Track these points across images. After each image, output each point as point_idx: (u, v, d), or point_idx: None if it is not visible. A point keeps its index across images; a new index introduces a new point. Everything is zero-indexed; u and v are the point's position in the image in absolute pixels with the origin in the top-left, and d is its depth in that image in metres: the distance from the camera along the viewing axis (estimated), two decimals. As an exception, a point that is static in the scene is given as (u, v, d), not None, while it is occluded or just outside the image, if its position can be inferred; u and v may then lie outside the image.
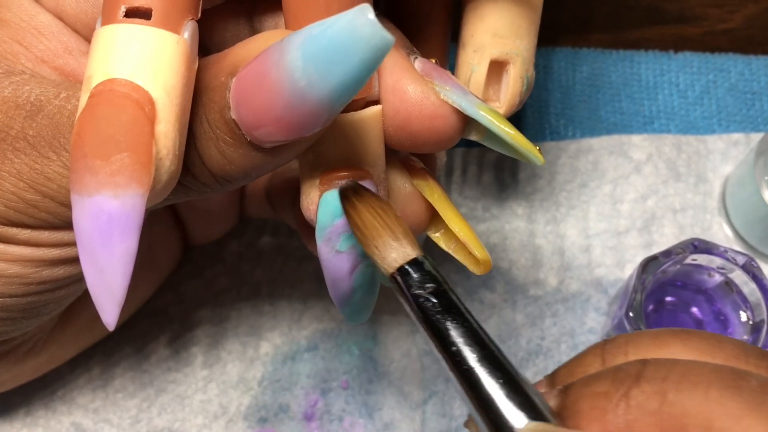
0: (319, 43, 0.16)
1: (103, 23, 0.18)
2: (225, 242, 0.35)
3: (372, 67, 0.16)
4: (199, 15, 0.19)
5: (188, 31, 0.18)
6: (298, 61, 0.17)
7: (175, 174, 0.18)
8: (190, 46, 0.18)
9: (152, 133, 0.17)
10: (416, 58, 0.21)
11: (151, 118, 0.17)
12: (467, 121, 0.21)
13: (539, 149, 0.22)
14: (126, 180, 0.17)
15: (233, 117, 0.18)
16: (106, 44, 0.18)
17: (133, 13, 0.18)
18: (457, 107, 0.21)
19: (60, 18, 0.22)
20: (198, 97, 0.19)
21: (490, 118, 0.21)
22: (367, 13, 0.16)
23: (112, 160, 0.17)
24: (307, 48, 0.17)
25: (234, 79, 0.18)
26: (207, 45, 0.23)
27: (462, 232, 0.22)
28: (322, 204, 0.20)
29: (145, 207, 0.17)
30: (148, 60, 0.18)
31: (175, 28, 0.18)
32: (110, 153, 0.17)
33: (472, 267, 0.23)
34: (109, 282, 0.18)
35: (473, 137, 0.22)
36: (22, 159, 0.20)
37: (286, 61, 0.17)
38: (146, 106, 0.17)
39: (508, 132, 0.21)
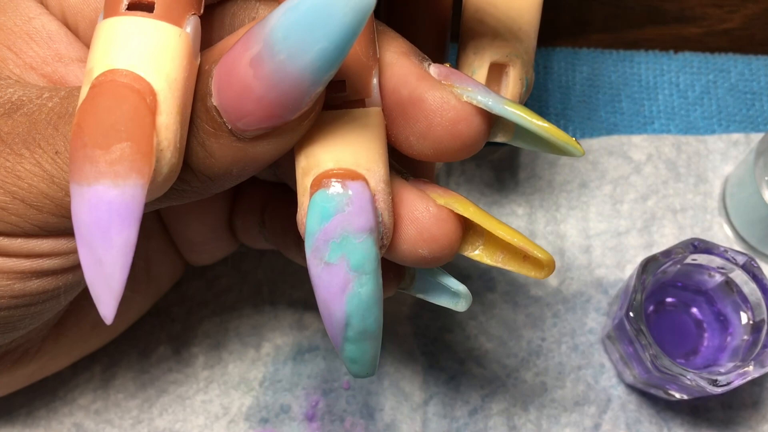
0: (298, 11, 0.16)
1: (105, 16, 0.18)
2: (226, 243, 0.35)
3: (353, 31, 0.16)
4: (202, 11, 0.19)
5: (190, 25, 0.18)
6: (278, 32, 0.16)
7: (176, 167, 0.18)
8: (192, 41, 0.18)
9: (153, 124, 0.17)
10: (429, 64, 0.20)
11: (153, 109, 0.17)
12: (492, 123, 0.20)
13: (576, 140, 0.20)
14: (126, 170, 0.17)
15: (214, 104, 0.18)
16: (108, 36, 0.18)
17: (135, 6, 0.18)
18: (483, 107, 0.19)
19: (62, 12, 0.22)
20: None
21: (520, 113, 0.20)
22: None
23: (112, 149, 0.17)
24: (286, 18, 0.16)
25: (216, 65, 0.18)
26: (209, 43, 0.23)
27: (516, 238, 0.21)
28: (311, 206, 0.18)
29: (144, 198, 0.17)
30: (151, 52, 0.17)
31: (178, 22, 0.18)
32: (110, 142, 0.17)
33: (532, 273, 0.21)
34: (107, 274, 0.17)
35: (500, 138, 0.21)
36: None
37: (266, 36, 0.17)
38: (148, 96, 0.17)
39: (542, 126, 0.20)
